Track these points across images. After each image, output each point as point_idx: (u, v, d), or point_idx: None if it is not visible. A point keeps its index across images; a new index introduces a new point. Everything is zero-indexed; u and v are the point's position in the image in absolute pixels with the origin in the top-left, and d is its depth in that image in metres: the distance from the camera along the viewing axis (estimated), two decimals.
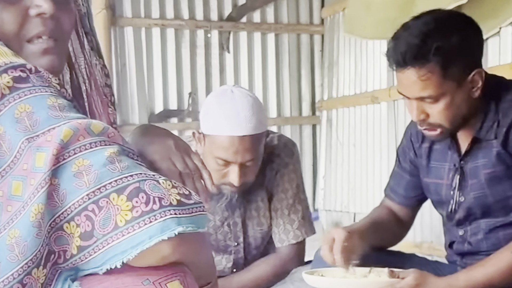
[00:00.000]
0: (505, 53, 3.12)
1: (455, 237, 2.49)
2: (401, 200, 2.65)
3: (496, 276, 2.21)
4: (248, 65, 5.19)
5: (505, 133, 2.28)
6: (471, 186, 2.38)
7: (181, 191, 1.31)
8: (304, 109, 5.38)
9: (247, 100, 2.68)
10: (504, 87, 2.34)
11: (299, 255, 2.95)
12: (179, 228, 1.27)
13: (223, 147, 2.64)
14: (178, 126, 4.99)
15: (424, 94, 2.24)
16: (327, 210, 5.10)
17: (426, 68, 2.20)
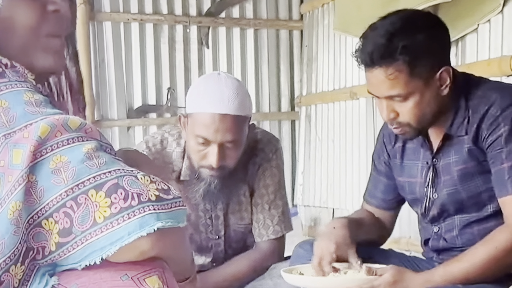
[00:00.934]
0: (482, 50, 3.13)
1: (430, 234, 2.51)
2: (380, 204, 2.66)
3: (472, 270, 2.22)
4: (227, 60, 5.19)
5: (476, 130, 2.29)
6: (444, 183, 2.39)
7: (159, 186, 1.31)
8: (283, 104, 5.38)
9: (232, 82, 2.69)
10: (473, 84, 2.36)
11: (278, 251, 2.96)
12: (158, 224, 1.27)
13: (204, 125, 2.63)
14: (157, 121, 4.98)
15: (393, 93, 2.25)
16: (305, 206, 5.11)
17: (393, 67, 2.22)
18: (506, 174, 2.23)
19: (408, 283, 2.25)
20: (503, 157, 2.24)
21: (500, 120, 2.25)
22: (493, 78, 2.96)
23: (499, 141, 2.25)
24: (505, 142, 2.24)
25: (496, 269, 2.23)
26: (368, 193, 2.71)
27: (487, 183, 2.31)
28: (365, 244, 2.55)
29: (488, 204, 2.34)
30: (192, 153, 2.73)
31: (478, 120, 2.29)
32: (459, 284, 2.22)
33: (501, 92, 2.30)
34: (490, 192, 2.31)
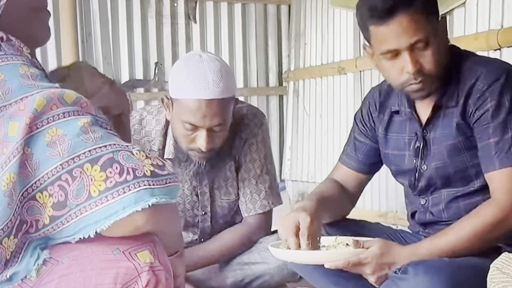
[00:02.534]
0: (470, 24, 3.13)
1: (417, 207, 2.52)
2: (357, 166, 2.66)
3: (458, 244, 2.24)
4: (214, 35, 5.17)
5: (463, 104, 2.30)
6: (433, 155, 2.40)
7: (154, 161, 1.31)
8: (271, 79, 5.37)
9: (215, 65, 2.67)
10: (461, 57, 2.37)
11: (265, 225, 2.97)
12: (152, 199, 1.28)
13: (191, 111, 2.63)
14: (145, 96, 4.97)
15: (418, 38, 2.24)
16: (293, 181, 5.12)
17: (414, 9, 2.22)
18: (492, 149, 2.24)
19: (394, 256, 2.26)
20: (489, 132, 2.25)
21: (487, 95, 2.25)
22: (480, 52, 2.97)
23: (485, 116, 2.25)
24: (492, 117, 2.24)
25: (482, 243, 2.24)
26: (346, 155, 2.70)
27: (474, 159, 2.32)
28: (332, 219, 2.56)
29: (474, 179, 2.35)
30: (180, 137, 2.72)
31: (465, 95, 2.29)
32: (445, 257, 2.23)
33: (488, 66, 2.31)
34: (477, 168, 2.32)
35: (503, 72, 2.28)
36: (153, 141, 2.86)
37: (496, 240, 2.28)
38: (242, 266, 2.91)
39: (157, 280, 1.35)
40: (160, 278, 1.36)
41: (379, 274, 2.26)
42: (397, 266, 2.24)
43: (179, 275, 1.57)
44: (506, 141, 2.23)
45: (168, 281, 1.38)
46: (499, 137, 2.23)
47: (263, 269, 2.88)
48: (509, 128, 2.23)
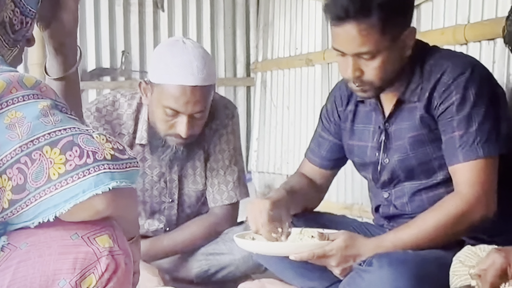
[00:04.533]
0: (437, 18, 3.14)
1: (380, 200, 2.53)
2: (321, 163, 2.67)
3: (422, 236, 2.25)
4: (182, 24, 5.14)
5: (428, 97, 2.31)
6: (395, 148, 2.41)
7: (115, 145, 1.30)
8: (238, 70, 5.36)
9: (199, 51, 2.67)
10: (427, 52, 2.38)
11: (232, 216, 2.97)
12: (113, 183, 1.27)
13: (174, 96, 2.62)
14: (111, 85, 4.93)
15: (363, 50, 2.24)
16: (260, 172, 5.12)
17: (367, 23, 2.21)
18: (457, 143, 2.26)
19: (359, 248, 2.27)
20: (454, 125, 2.26)
21: (452, 89, 2.27)
22: (447, 46, 2.98)
23: (450, 110, 2.27)
24: (457, 111, 2.26)
25: (445, 235, 2.26)
26: (310, 151, 2.71)
27: (438, 151, 2.33)
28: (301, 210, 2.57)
29: (437, 171, 2.37)
30: (159, 122, 2.71)
31: (430, 88, 2.31)
32: (409, 250, 2.24)
33: (453, 60, 2.32)
34: (440, 160, 2.34)
35: (469, 66, 2.29)
36: (124, 124, 2.84)
37: (459, 233, 2.30)
38: (208, 256, 2.91)
39: (116, 265, 1.35)
40: (119, 263, 1.35)
41: (344, 266, 2.27)
42: (362, 258, 2.25)
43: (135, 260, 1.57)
44: (470, 134, 2.24)
45: (128, 265, 1.38)
46: (463, 131, 2.25)
47: (228, 260, 2.88)
48: (474, 121, 2.25)
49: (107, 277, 1.34)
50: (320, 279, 2.48)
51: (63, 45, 1.61)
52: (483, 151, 2.23)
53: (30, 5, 1.49)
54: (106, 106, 2.85)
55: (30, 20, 1.50)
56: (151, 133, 2.79)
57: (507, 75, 2.70)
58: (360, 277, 2.22)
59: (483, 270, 1.76)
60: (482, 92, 2.26)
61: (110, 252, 1.34)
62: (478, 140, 2.24)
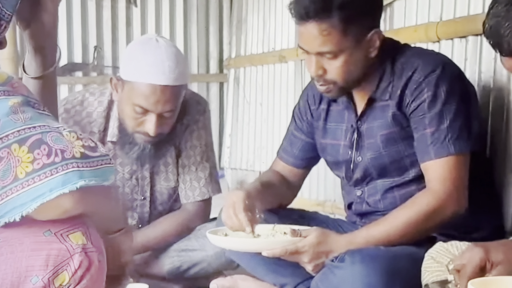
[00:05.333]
0: (410, 16, 3.16)
1: (353, 198, 2.54)
2: (294, 162, 2.68)
3: (393, 233, 2.26)
4: (155, 20, 5.11)
5: (400, 95, 2.33)
6: (368, 146, 2.42)
7: (86, 143, 1.29)
8: (211, 66, 5.35)
9: (172, 51, 2.66)
10: (398, 50, 2.39)
11: (204, 212, 2.97)
12: (80, 182, 1.26)
13: (144, 95, 2.61)
14: (83, 80, 4.90)
15: (324, 49, 2.26)
16: (232, 169, 5.11)
17: (327, 23, 2.23)
18: (428, 140, 2.27)
19: (331, 244, 2.28)
20: (426, 122, 2.28)
21: (423, 86, 2.28)
22: (420, 44, 3.00)
23: (422, 107, 2.28)
24: (428, 108, 2.27)
25: (417, 232, 2.27)
26: (283, 150, 2.72)
27: (410, 149, 2.35)
28: (274, 205, 2.57)
29: (409, 169, 2.38)
30: (127, 119, 2.71)
31: (402, 86, 2.32)
32: (381, 246, 2.26)
33: (424, 58, 2.33)
34: (412, 158, 2.35)
35: (440, 63, 2.31)
36: (94, 122, 2.83)
37: (431, 229, 2.31)
38: (180, 253, 2.90)
39: (89, 262, 1.34)
40: (92, 260, 1.34)
41: (316, 262, 2.28)
42: (334, 255, 2.26)
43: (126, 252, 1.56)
44: (442, 131, 2.26)
45: (101, 262, 1.37)
46: (435, 128, 2.26)
47: (200, 256, 2.87)
48: (445, 118, 2.26)
49: (80, 274, 1.33)
50: (292, 275, 2.48)
51: (42, 46, 1.60)
52: (454, 148, 2.25)
53: (6, 7, 1.47)
54: (75, 106, 2.83)
55: (5, 23, 1.49)
56: (121, 130, 2.78)
57: (479, 72, 2.72)
58: (332, 273, 2.22)
59: (461, 265, 1.77)
60: (453, 89, 2.28)
61: (83, 249, 1.33)
62: (449, 137, 2.25)
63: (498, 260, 1.73)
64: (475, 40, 2.74)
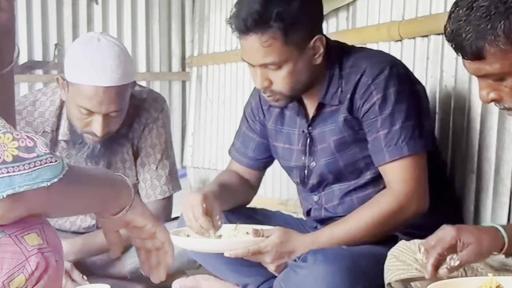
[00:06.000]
0: (372, 15, 3.16)
1: (311, 204, 2.54)
2: (248, 162, 2.66)
3: (356, 232, 2.27)
4: (117, 17, 5.07)
5: (350, 99, 2.33)
6: (321, 152, 2.42)
7: (23, 143, 1.24)
8: (174, 64, 5.32)
9: (114, 50, 2.62)
10: (346, 53, 2.39)
11: (166, 211, 2.95)
12: (8, 191, 1.21)
13: (87, 97, 2.58)
14: (43, 78, 4.84)
15: (267, 61, 2.26)
16: (195, 167, 5.09)
17: (268, 34, 2.22)
18: (382, 142, 2.28)
19: (294, 244, 2.27)
20: (378, 125, 2.28)
21: (372, 89, 2.28)
22: (382, 43, 3.01)
23: (373, 110, 2.29)
24: (379, 110, 2.28)
25: (379, 231, 2.28)
26: (236, 150, 2.70)
27: (364, 151, 2.35)
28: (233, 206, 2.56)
29: (365, 171, 2.39)
30: (74, 120, 2.68)
31: (351, 90, 2.32)
32: (344, 246, 2.26)
33: (371, 60, 2.33)
34: (366, 160, 2.36)
35: (387, 65, 2.31)
36: (46, 122, 2.80)
37: (393, 228, 2.32)
38: None
39: (46, 263, 1.31)
40: (49, 261, 1.31)
41: (279, 262, 2.27)
42: (297, 255, 2.26)
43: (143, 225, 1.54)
44: (395, 132, 2.26)
45: (58, 262, 1.34)
46: (387, 129, 2.27)
47: None
48: (397, 120, 2.27)
49: (37, 275, 1.30)
50: (255, 275, 2.47)
51: None
52: (408, 148, 2.26)
53: None
54: (26, 107, 2.81)
55: None
56: (71, 130, 2.76)
57: (441, 71, 2.73)
58: (295, 273, 2.22)
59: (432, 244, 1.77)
60: (402, 90, 2.28)
61: (39, 250, 1.30)
62: (402, 138, 2.26)
63: (469, 241, 1.74)
64: (437, 39, 2.75)
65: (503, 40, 1.52)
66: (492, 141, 2.52)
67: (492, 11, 1.52)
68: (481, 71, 1.60)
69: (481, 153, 2.56)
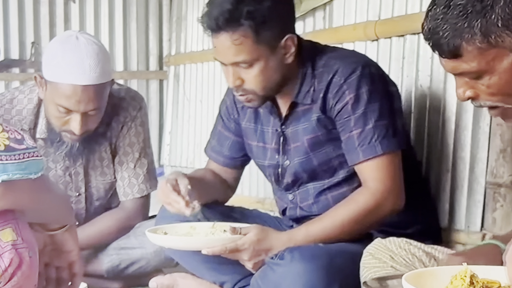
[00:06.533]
0: (349, 14, 3.18)
1: (286, 203, 2.55)
2: (225, 162, 2.67)
3: (332, 230, 2.28)
4: (94, 16, 5.05)
5: (322, 99, 2.34)
6: (294, 150, 2.43)
7: (12, 135, 1.26)
8: (151, 63, 5.31)
9: (93, 48, 2.61)
10: (318, 52, 2.40)
11: (143, 209, 2.95)
12: (3, 176, 1.23)
13: (66, 96, 2.58)
14: (20, 77, 4.82)
15: (238, 59, 2.27)
16: (172, 166, 5.09)
17: (238, 32, 2.23)
18: (356, 141, 2.29)
19: (271, 241, 2.28)
20: (351, 125, 2.29)
21: (344, 88, 2.29)
22: (359, 42, 3.03)
23: (346, 109, 2.30)
24: (352, 110, 2.29)
25: (355, 229, 2.29)
26: (211, 149, 2.70)
27: (337, 150, 2.36)
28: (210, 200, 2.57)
29: (339, 170, 2.40)
30: (52, 118, 2.68)
31: (324, 89, 2.33)
32: (320, 243, 2.27)
33: (343, 60, 2.34)
34: (340, 159, 2.37)
35: (359, 64, 2.32)
36: (24, 120, 2.79)
37: (369, 226, 2.34)
38: (119, 251, 2.88)
39: (20, 259, 1.31)
40: (23, 257, 1.32)
41: (256, 260, 2.28)
42: (274, 252, 2.27)
43: (71, 250, 1.53)
44: (368, 132, 2.28)
45: (32, 258, 1.35)
46: (361, 129, 2.28)
47: (140, 254, 2.86)
48: (370, 119, 2.28)
49: (11, 271, 1.31)
50: (232, 273, 2.48)
51: None
52: (381, 147, 2.27)
53: None
54: (3, 105, 2.80)
55: None
56: (49, 128, 2.75)
57: (416, 71, 2.75)
58: (272, 270, 2.23)
59: None
60: (375, 89, 2.30)
61: (13, 246, 1.30)
62: (375, 137, 2.27)
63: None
64: (413, 39, 2.77)
65: (480, 38, 1.54)
66: (467, 140, 2.55)
67: (469, 10, 1.54)
68: (458, 69, 1.61)
69: (456, 152, 2.59)
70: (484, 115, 2.51)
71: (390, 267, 1.95)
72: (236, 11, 2.22)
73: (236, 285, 2.52)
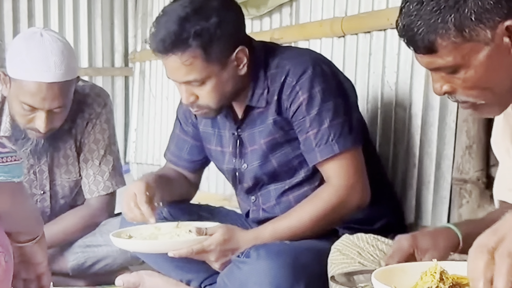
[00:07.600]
0: (315, 11, 3.18)
1: (249, 205, 2.54)
2: (185, 165, 2.65)
3: (298, 227, 2.28)
4: (58, 12, 5.01)
5: (277, 101, 2.33)
6: (252, 154, 2.42)
7: None
8: (116, 60, 5.28)
9: (57, 45, 2.59)
10: (270, 54, 2.38)
11: (109, 207, 2.94)
12: None
13: (30, 93, 2.55)
14: None
15: (190, 78, 2.25)
16: (138, 163, 5.06)
17: (187, 54, 2.21)
18: (313, 142, 2.29)
19: (238, 241, 2.27)
20: (307, 125, 2.29)
21: (297, 89, 2.29)
22: (325, 38, 3.03)
23: (300, 110, 2.29)
24: (307, 110, 2.28)
25: (321, 226, 2.29)
26: (171, 153, 2.68)
27: (296, 150, 2.36)
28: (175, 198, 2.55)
29: (299, 170, 2.39)
30: (17, 116, 2.65)
31: (277, 91, 2.32)
32: (286, 241, 2.26)
33: (294, 61, 2.33)
34: (299, 158, 2.36)
35: (309, 64, 2.31)
36: None
37: (334, 223, 2.34)
38: (84, 248, 2.86)
39: None
40: None
41: (223, 260, 2.27)
42: (241, 251, 2.26)
43: (40, 262, 1.51)
44: (324, 131, 2.27)
45: (8, 263, 1.33)
46: (317, 129, 2.28)
47: (105, 251, 2.84)
48: (325, 118, 2.28)
49: None
50: (198, 271, 2.47)
51: None
52: (338, 146, 2.27)
53: None
54: None
55: None
56: (14, 125, 2.73)
57: (383, 67, 2.76)
58: (238, 269, 2.22)
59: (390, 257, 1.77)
60: (327, 87, 2.29)
61: None
62: (332, 136, 2.27)
63: (425, 247, 1.75)
64: (380, 35, 2.78)
65: (454, 33, 1.55)
66: (433, 136, 2.56)
67: (442, 5, 1.55)
68: (433, 64, 1.62)
69: (423, 148, 2.60)
70: (451, 111, 2.52)
71: (357, 263, 1.95)
72: (184, 32, 2.19)
73: (203, 283, 2.51)
